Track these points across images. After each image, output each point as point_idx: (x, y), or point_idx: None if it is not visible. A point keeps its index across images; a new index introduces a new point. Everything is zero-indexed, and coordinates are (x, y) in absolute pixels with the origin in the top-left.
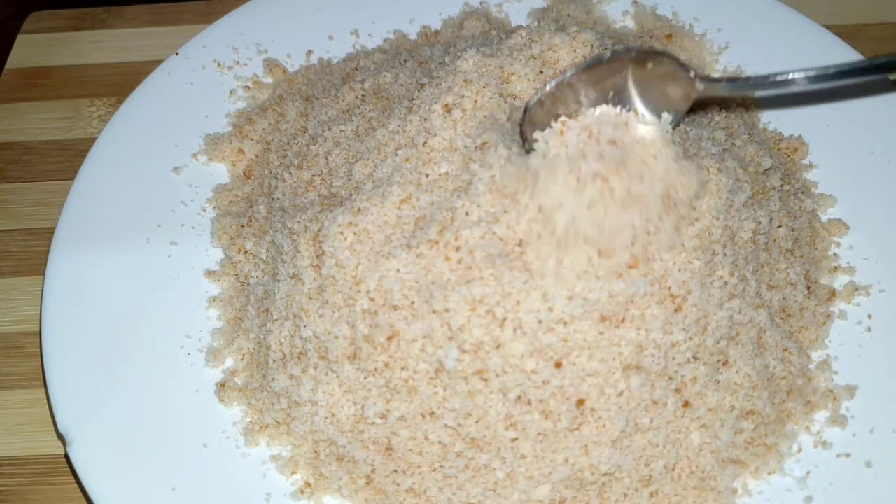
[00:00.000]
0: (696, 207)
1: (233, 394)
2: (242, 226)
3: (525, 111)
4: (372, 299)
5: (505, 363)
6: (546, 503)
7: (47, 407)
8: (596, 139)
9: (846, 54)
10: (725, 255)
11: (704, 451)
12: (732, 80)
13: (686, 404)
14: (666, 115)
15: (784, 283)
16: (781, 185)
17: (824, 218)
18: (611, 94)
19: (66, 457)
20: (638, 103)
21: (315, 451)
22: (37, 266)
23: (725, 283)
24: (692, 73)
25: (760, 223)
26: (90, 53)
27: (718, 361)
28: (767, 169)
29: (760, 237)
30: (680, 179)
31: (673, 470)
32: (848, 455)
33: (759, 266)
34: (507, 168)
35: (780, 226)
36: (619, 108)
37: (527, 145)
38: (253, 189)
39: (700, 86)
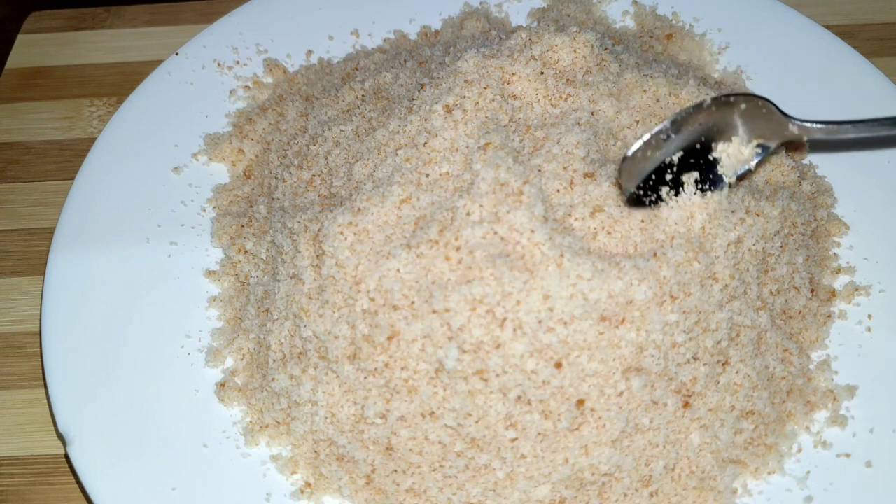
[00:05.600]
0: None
1: (233, 394)
2: (242, 226)
3: (623, 160)
4: (372, 299)
5: (505, 363)
6: (546, 503)
7: (47, 407)
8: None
9: (846, 54)
10: (727, 257)
11: (704, 452)
12: (825, 123)
13: (686, 405)
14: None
15: (788, 287)
16: (793, 195)
17: (824, 218)
18: (702, 138)
19: (66, 457)
20: (727, 146)
21: (315, 451)
22: (37, 266)
23: (726, 286)
24: (787, 116)
25: (768, 230)
26: (90, 53)
27: (718, 362)
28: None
29: (766, 243)
30: None
31: (673, 470)
32: (848, 455)
33: (763, 271)
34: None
35: (789, 233)
36: (713, 144)
37: (624, 196)
38: (253, 189)
39: (793, 128)
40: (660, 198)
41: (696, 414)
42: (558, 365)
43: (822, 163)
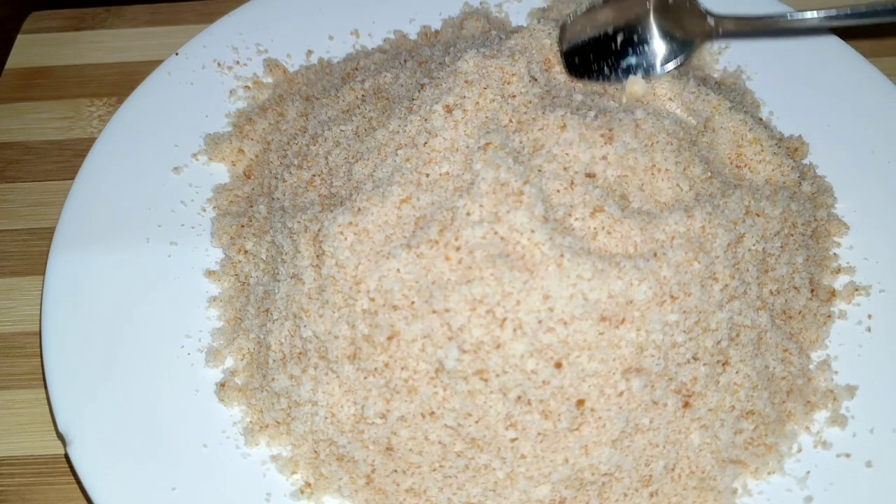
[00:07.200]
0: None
1: (233, 394)
2: (242, 226)
3: (562, 29)
4: (372, 299)
5: (505, 363)
6: (546, 503)
7: (47, 407)
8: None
9: (846, 54)
10: (727, 257)
11: (704, 452)
12: (744, 18)
13: (686, 405)
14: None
15: (788, 287)
16: (793, 195)
17: (824, 218)
18: (638, 29)
19: (66, 457)
20: (655, 32)
21: (315, 451)
22: (37, 266)
23: (726, 286)
24: (707, 11)
25: (769, 230)
26: (90, 53)
27: (718, 362)
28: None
29: (767, 243)
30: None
31: (673, 470)
32: (848, 455)
33: (763, 271)
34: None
35: (789, 233)
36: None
37: (561, 64)
38: (253, 189)
39: (711, 21)
40: (598, 72)
41: (696, 414)
42: (558, 365)
43: (822, 163)
